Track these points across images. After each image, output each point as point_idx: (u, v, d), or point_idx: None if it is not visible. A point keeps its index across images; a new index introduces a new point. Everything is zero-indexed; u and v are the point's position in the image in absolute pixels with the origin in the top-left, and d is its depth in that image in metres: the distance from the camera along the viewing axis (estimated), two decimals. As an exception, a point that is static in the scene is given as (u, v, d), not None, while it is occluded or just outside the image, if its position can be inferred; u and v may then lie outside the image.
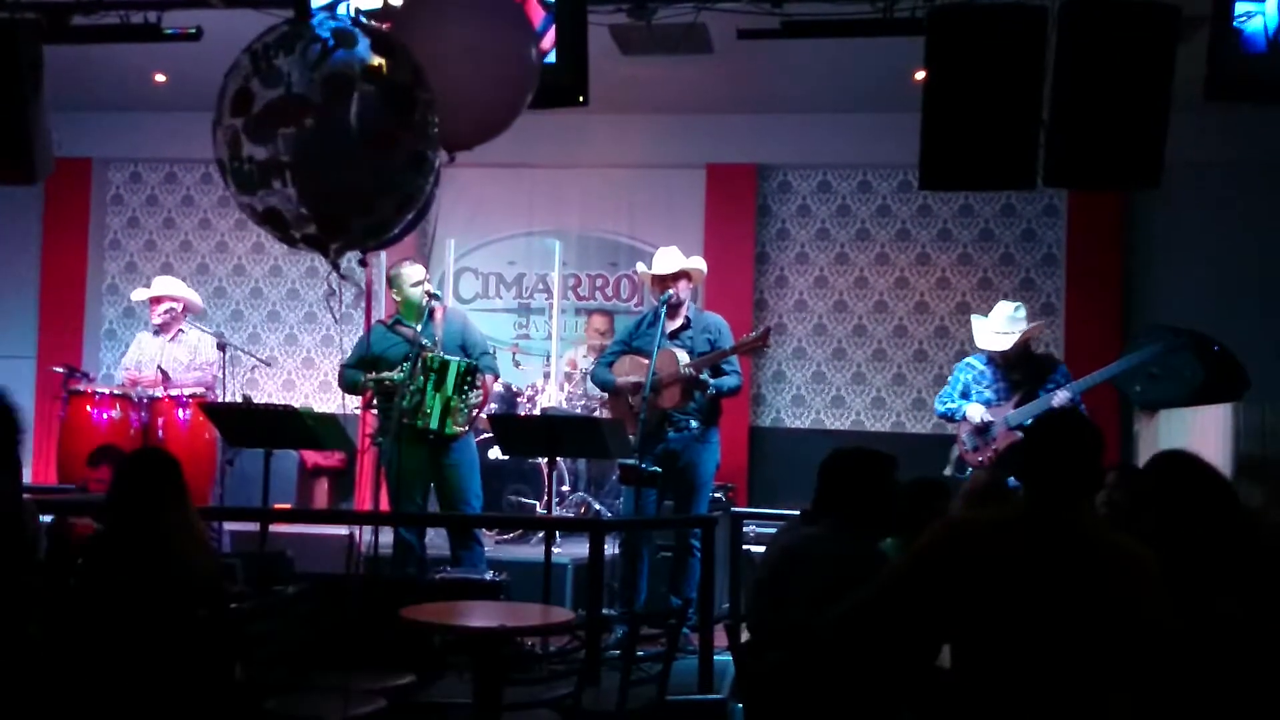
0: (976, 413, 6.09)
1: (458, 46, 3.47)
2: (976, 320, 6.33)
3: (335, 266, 3.39)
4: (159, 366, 6.97)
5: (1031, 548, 2.63)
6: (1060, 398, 5.87)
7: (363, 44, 3.17)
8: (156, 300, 7.24)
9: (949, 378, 6.42)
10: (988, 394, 6.18)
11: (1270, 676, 2.85)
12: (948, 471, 6.16)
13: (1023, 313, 6.22)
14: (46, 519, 4.98)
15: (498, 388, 7.20)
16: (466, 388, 5.98)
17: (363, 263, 3.61)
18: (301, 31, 3.16)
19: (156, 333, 7.25)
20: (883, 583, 2.83)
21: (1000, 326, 6.15)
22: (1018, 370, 6.15)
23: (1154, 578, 2.62)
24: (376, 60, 3.15)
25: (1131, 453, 7.10)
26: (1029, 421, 5.88)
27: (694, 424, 6.13)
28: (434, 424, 5.93)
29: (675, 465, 6.12)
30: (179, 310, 7.24)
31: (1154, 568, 2.63)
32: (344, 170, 3.13)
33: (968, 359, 6.43)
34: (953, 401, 6.25)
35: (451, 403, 5.95)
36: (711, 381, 6.06)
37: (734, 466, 7.75)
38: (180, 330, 7.23)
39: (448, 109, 3.38)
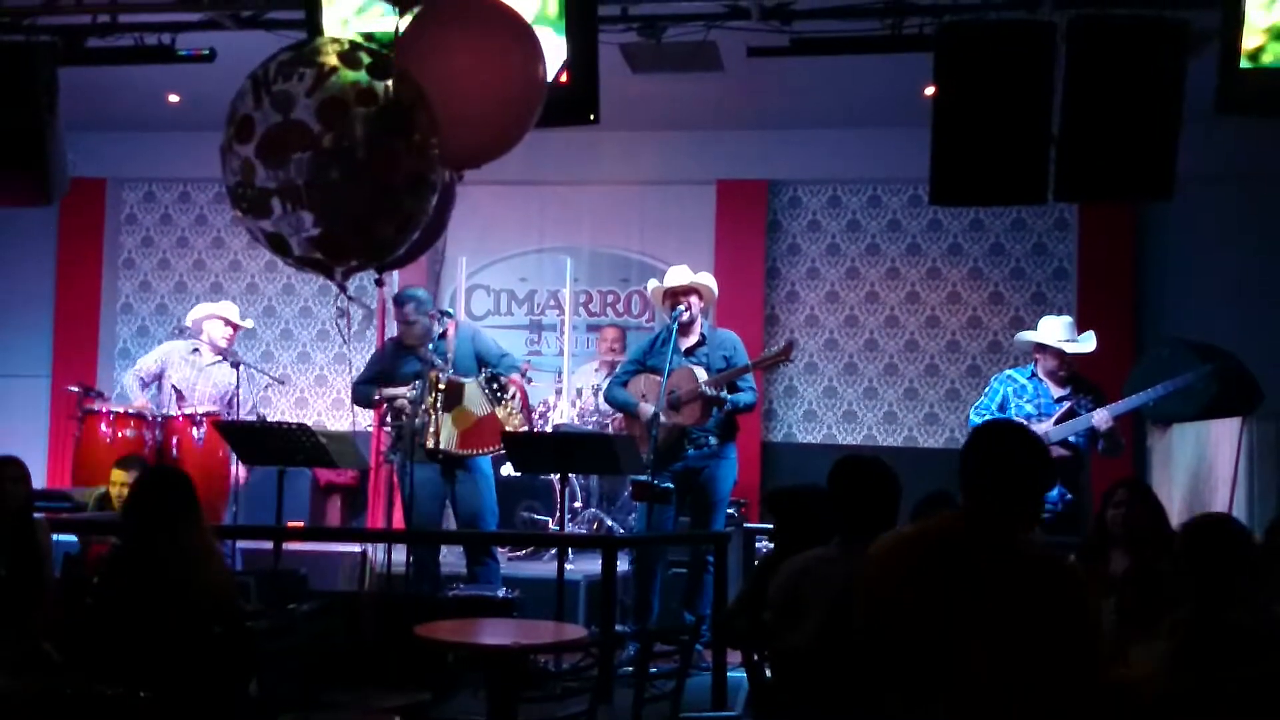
0: None
1: (464, 65, 3.47)
2: (1045, 326, 6.11)
3: (342, 288, 3.40)
4: (173, 385, 7.00)
5: (962, 561, 2.63)
6: (1100, 417, 5.75)
7: (362, 67, 3.18)
8: (226, 322, 7.16)
9: (985, 389, 6.23)
10: (1028, 408, 5.99)
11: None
12: None
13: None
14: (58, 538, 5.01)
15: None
16: (500, 394, 5.98)
17: (379, 283, 3.64)
18: (301, 56, 3.17)
19: (195, 350, 7.14)
20: (859, 611, 2.83)
21: (1067, 334, 6.01)
22: (1070, 385, 6.00)
23: (1082, 588, 2.64)
24: (374, 83, 3.16)
25: (1145, 467, 7.06)
26: (1072, 438, 5.82)
27: (713, 440, 6.13)
28: (445, 444, 5.94)
29: (694, 482, 6.12)
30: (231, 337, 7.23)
31: (1082, 579, 2.66)
32: (343, 194, 3.13)
33: (1008, 372, 6.23)
34: (989, 414, 6.04)
35: (500, 414, 5.95)
36: (729, 398, 6.05)
37: (746, 482, 7.71)
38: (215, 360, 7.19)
39: (454, 128, 3.37)
